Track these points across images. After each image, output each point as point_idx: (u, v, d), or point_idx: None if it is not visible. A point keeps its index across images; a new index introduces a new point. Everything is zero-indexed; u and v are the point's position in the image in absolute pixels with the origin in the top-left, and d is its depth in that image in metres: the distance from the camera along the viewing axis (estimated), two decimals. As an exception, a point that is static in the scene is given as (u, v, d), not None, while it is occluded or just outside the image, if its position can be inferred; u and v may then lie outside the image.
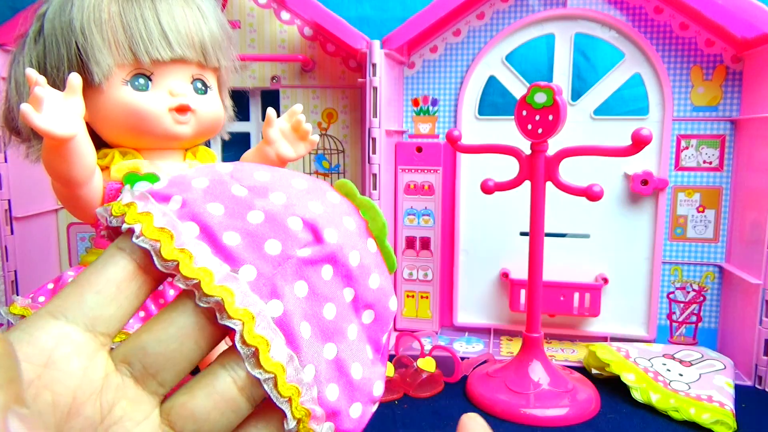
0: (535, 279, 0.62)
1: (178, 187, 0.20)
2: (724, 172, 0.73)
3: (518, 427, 0.57)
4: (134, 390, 0.18)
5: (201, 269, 0.18)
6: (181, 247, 0.18)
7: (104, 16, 0.44)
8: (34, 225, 0.77)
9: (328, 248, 0.20)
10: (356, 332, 0.21)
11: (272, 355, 0.18)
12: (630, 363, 0.65)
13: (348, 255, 0.21)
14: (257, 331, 0.18)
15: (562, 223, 0.76)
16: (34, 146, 0.48)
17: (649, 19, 0.72)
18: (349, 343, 0.21)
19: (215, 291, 0.18)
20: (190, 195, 0.20)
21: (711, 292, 0.75)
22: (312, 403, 0.19)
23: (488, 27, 0.75)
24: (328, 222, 0.20)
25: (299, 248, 0.20)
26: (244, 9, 0.77)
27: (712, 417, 0.56)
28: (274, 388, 0.19)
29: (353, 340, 0.21)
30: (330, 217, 0.21)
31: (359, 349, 0.21)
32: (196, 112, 0.48)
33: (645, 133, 0.54)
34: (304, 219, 0.20)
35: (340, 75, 0.79)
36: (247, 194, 0.20)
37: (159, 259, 0.18)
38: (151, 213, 0.19)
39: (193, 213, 0.19)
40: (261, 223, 0.20)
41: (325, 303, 0.20)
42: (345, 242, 0.21)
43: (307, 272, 0.20)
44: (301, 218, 0.20)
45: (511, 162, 0.62)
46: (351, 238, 0.21)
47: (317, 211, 0.20)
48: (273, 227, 0.20)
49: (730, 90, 0.71)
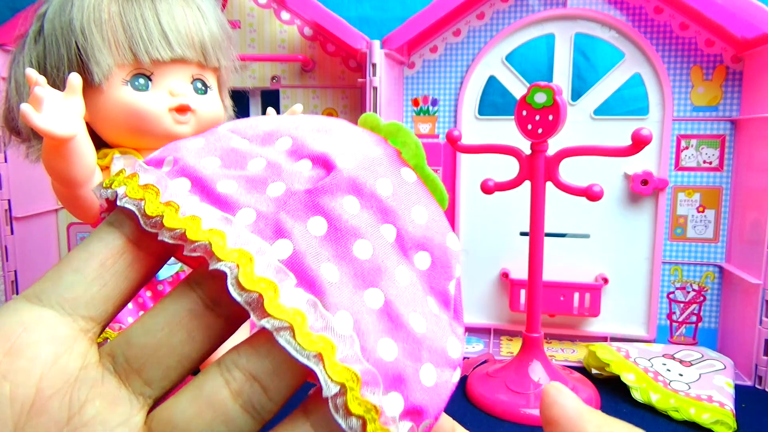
0: (535, 279, 0.62)
1: (170, 149, 0.18)
2: (724, 172, 0.73)
3: (518, 427, 0.57)
4: (114, 388, 0.15)
5: (187, 218, 0.15)
6: (167, 201, 0.16)
7: (104, 16, 0.44)
8: (34, 225, 0.77)
9: (343, 175, 0.16)
10: (409, 277, 0.17)
11: (283, 301, 0.14)
12: (630, 363, 0.65)
13: (375, 184, 0.17)
14: (259, 273, 0.15)
15: (562, 223, 0.76)
16: (34, 146, 0.48)
17: (649, 19, 0.72)
18: (401, 288, 0.16)
19: (201, 236, 0.15)
20: (183, 153, 0.17)
21: (711, 292, 0.75)
22: (357, 362, 0.14)
23: (488, 27, 0.75)
24: (342, 151, 0.17)
25: (307, 183, 0.16)
26: (244, 9, 0.77)
27: (712, 417, 0.56)
28: (293, 340, 0.14)
29: (406, 285, 0.16)
30: (345, 146, 0.17)
31: (417, 298, 0.16)
32: (196, 112, 0.48)
33: (645, 133, 0.54)
34: (312, 156, 0.17)
35: (340, 75, 0.79)
36: (248, 145, 0.18)
37: (144, 218, 0.16)
38: (137, 173, 0.16)
39: (183, 169, 0.17)
40: (263, 169, 0.17)
41: (354, 240, 0.16)
42: (367, 169, 0.17)
43: (322, 205, 0.16)
44: (309, 157, 0.17)
45: (511, 162, 0.62)
46: (375, 166, 0.17)
47: (328, 145, 0.17)
48: (276, 171, 0.17)
49: (730, 90, 0.71)
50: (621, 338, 0.76)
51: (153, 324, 0.16)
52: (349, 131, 0.18)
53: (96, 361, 0.15)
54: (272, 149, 0.17)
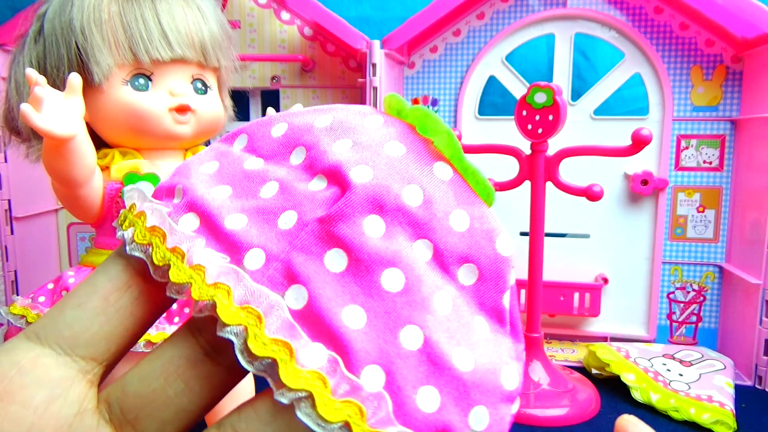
0: (535, 279, 0.62)
1: (183, 173, 0.16)
2: (724, 172, 0.73)
3: (518, 427, 0.57)
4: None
5: (193, 269, 0.14)
6: (173, 247, 0.15)
7: (104, 16, 0.44)
8: (34, 225, 0.77)
9: (360, 192, 0.14)
10: (451, 302, 0.14)
11: (301, 364, 0.13)
12: (630, 363, 0.65)
13: (401, 194, 0.14)
14: (270, 334, 0.13)
15: (562, 223, 0.76)
16: (34, 146, 0.48)
17: (649, 19, 0.72)
18: (442, 318, 0.14)
19: (206, 293, 0.14)
20: (193, 181, 0.16)
21: (711, 292, 0.75)
22: (389, 424, 0.13)
23: (488, 27, 0.75)
24: (358, 159, 0.15)
25: (320, 209, 0.15)
26: (244, 9, 0.77)
27: (712, 417, 0.56)
28: (314, 412, 0.13)
29: (448, 313, 0.14)
30: (361, 150, 0.15)
31: (462, 325, 0.14)
32: (196, 112, 0.48)
33: (645, 133, 0.54)
34: (326, 170, 0.15)
35: (340, 75, 0.79)
36: (262, 165, 0.16)
37: (152, 267, 0.15)
38: (144, 212, 0.15)
39: (192, 203, 0.15)
40: (275, 196, 0.15)
41: (381, 270, 0.14)
42: (389, 176, 0.15)
43: (339, 235, 0.14)
44: (323, 171, 0.15)
45: (511, 162, 0.62)
46: (400, 169, 0.15)
47: (342, 152, 0.15)
48: (289, 196, 0.15)
49: (730, 90, 0.71)
50: (621, 338, 0.76)
51: (149, 371, 0.15)
52: (367, 124, 0.16)
53: (93, 407, 0.14)
54: (286, 166, 0.16)
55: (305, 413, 0.13)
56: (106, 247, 0.48)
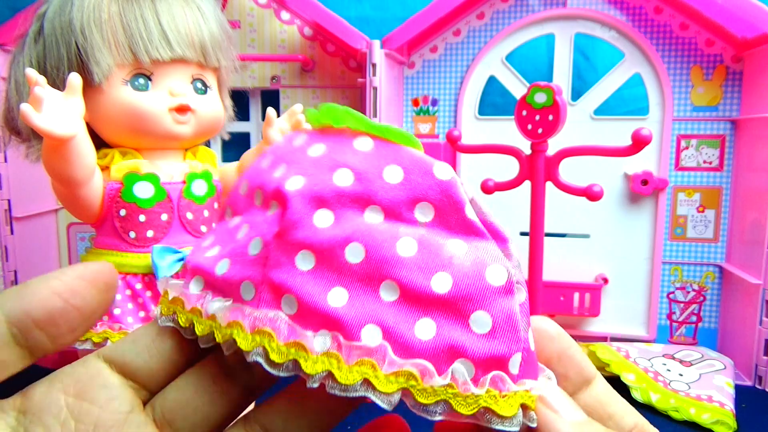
0: (535, 279, 0.62)
1: (189, 256, 0.20)
2: (724, 172, 0.73)
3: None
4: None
5: (209, 319, 0.18)
6: (191, 308, 0.18)
7: (104, 16, 0.44)
8: (34, 225, 0.77)
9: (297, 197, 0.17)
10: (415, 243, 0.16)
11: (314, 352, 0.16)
12: (630, 363, 0.65)
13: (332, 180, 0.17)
14: (282, 341, 0.16)
15: (562, 223, 0.76)
16: (34, 146, 0.48)
17: (649, 19, 0.72)
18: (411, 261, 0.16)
19: (225, 335, 0.17)
20: (194, 254, 0.20)
21: (711, 292, 0.75)
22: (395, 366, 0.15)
23: (488, 27, 0.75)
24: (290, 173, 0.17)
25: (275, 226, 0.17)
26: (244, 9, 0.77)
27: (712, 417, 0.56)
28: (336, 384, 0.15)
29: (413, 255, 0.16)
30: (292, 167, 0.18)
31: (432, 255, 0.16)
32: (196, 112, 0.48)
33: (645, 133, 0.54)
34: (272, 193, 0.18)
35: (340, 75, 0.79)
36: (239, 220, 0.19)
37: (181, 329, 0.18)
38: (167, 291, 0.19)
39: (195, 268, 0.19)
40: (246, 234, 0.18)
41: (342, 249, 0.16)
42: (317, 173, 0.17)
43: (296, 240, 0.16)
44: (271, 196, 0.18)
45: (511, 162, 0.62)
46: (324, 163, 0.17)
47: (278, 175, 0.18)
48: (254, 228, 0.18)
49: (730, 90, 0.71)
50: (621, 338, 0.76)
51: (185, 383, 0.18)
52: (296, 146, 0.18)
53: (141, 407, 0.18)
54: (254, 210, 0.18)
55: (332, 387, 0.15)
56: (106, 247, 0.48)
